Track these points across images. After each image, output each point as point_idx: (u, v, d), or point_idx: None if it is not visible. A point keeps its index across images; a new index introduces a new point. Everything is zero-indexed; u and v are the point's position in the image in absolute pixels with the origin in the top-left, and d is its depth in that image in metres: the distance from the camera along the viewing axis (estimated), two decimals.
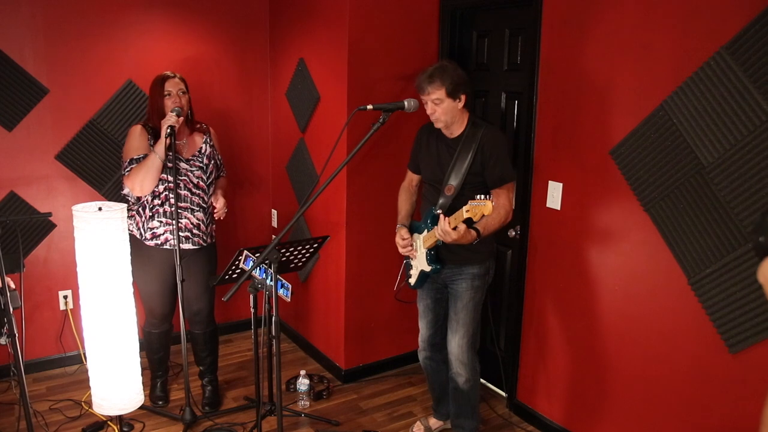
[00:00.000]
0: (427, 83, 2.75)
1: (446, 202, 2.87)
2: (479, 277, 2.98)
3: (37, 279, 3.89)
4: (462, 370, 3.05)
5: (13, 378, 3.73)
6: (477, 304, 3.01)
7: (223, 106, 3.73)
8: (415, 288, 3.16)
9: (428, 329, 3.21)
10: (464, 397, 3.13)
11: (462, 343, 3.02)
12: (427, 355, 3.26)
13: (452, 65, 2.80)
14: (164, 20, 4.02)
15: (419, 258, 3.03)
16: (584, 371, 3.14)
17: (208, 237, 3.45)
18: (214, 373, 3.74)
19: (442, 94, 2.75)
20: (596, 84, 2.88)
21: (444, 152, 2.92)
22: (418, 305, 3.22)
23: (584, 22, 2.90)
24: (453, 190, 2.84)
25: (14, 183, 3.76)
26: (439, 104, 2.77)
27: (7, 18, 3.56)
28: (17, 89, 3.66)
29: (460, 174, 2.83)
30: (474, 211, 2.55)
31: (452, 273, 2.99)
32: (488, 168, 2.83)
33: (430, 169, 3.01)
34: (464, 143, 2.84)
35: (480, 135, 2.82)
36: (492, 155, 2.81)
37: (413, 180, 3.22)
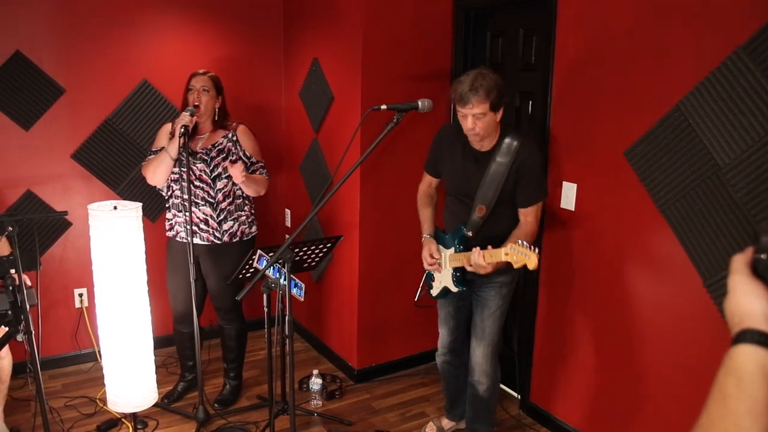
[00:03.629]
0: (471, 95, 2.52)
1: (477, 223, 2.76)
2: (507, 285, 2.90)
3: (53, 277, 3.93)
4: (484, 378, 3.01)
5: (29, 374, 3.76)
6: (503, 313, 2.95)
7: (236, 106, 3.75)
8: (437, 299, 3.09)
9: (449, 336, 3.16)
10: (483, 403, 3.09)
11: (487, 352, 2.96)
12: (447, 359, 3.23)
13: (492, 73, 2.59)
14: (179, 21, 4.04)
15: (444, 274, 2.93)
16: (598, 373, 3.13)
17: (224, 235, 3.43)
18: (236, 372, 3.75)
19: (486, 107, 2.54)
20: (611, 84, 2.86)
21: (472, 166, 2.77)
22: (439, 311, 3.17)
23: (599, 22, 2.89)
24: (484, 211, 2.72)
25: (31, 182, 3.80)
26: (480, 119, 2.57)
27: (25, 19, 3.60)
28: (34, 89, 3.70)
29: (492, 193, 2.70)
30: (515, 257, 2.45)
31: (479, 281, 2.91)
32: (521, 186, 2.70)
33: (456, 182, 2.87)
34: (497, 158, 2.68)
35: (515, 149, 2.66)
36: (527, 174, 2.67)
37: (432, 183, 3.10)
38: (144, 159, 3.49)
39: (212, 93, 3.34)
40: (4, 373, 3.17)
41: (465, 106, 2.56)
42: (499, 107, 2.60)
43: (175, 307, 3.57)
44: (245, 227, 3.50)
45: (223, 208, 3.42)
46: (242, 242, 3.49)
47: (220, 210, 3.41)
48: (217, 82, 3.38)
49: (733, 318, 0.90)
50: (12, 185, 3.75)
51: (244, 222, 3.49)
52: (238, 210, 3.46)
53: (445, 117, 3.85)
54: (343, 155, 2.70)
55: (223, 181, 3.39)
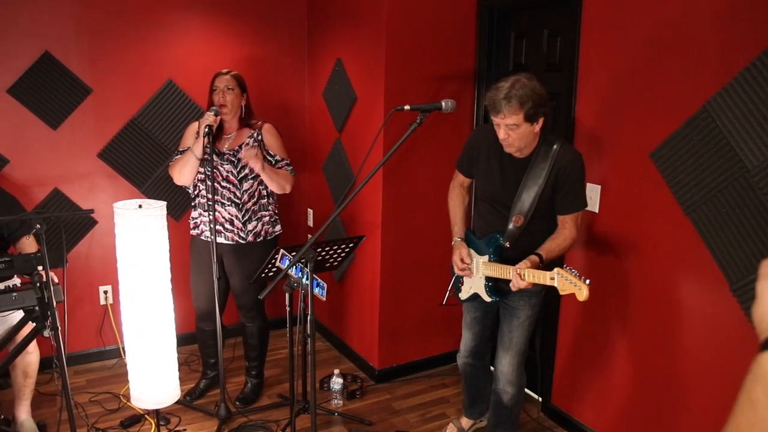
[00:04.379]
0: (503, 104, 2.40)
1: (514, 234, 2.67)
2: (537, 295, 2.82)
3: (78, 274, 3.98)
4: (509, 388, 2.97)
5: (55, 370, 3.81)
6: (532, 323, 2.89)
7: (260, 105, 3.77)
8: (464, 302, 3.03)
9: (474, 340, 3.12)
10: (506, 411, 3.05)
11: (513, 362, 2.92)
12: (470, 362, 3.19)
13: (532, 81, 2.44)
14: (204, 21, 4.08)
15: (476, 281, 2.87)
16: (621, 377, 3.10)
17: (248, 235, 3.45)
18: (257, 370, 3.78)
19: (520, 118, 2.42)
20: (636, 85, 2.83)
21: (510, 173, 2.66)
22: (465, 315, 3.12)
23: (625, 22, 2.86)
24: (522, 221, 2.62)
25: (58, 180, 3.86)
26: (514, 129, 2.46)
27: (54, 19, 3.65)
28: (62, 89, 3.76)
29: (530, 202, 2.59)
30: (563, 286, 2.36)
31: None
32: (560, 194, 2.60)
33: (491, 188, 2.76)
34: (535, 164, 2.58)
35: (554, 155, 2.56)
36: (567, 181, 2.57)
37: (464, 183, 2.99)
38: (169, 158, 3.53)
39: (237, 91, 3.36)
40: (32, 368, 3.22)
41: (497, 116, 2.46)
42: (536, 118, 2.47)
43: (198, 304, 3.61)
44: (269, 227, 3.52)
45: (248, 209, 3.43)
46: (266, 242, 3.51)
47: (246, 210, 3.43)
48: (240, 80, 3.40)
49: (761, 324, 0.88)
50: (40, 183, 3.81)
51: (267, 222, 3.51)
52: (262, 210, 3.47)
53: (468, 118, 3.84)
54: (366, 155, 2.70)
55: (249, 182, 3.40)
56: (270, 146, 3.44)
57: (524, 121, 2.44)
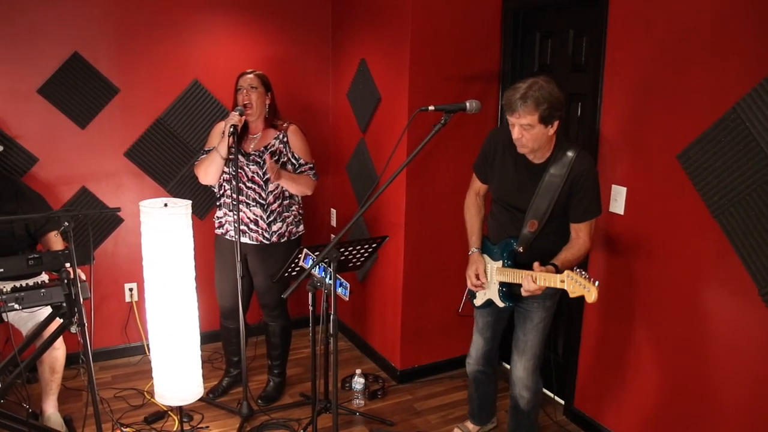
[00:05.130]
0: (519, 104, 2.43)
1: (528, 238, 2.68)
2: (551, 297, 2.81)
3: (104, 271, 4.04)
4: (526, 393, 2.96)
5: (81, 365, 3.87)
6: (547, 326, 2.87)
7: (285, 106, 3.78)
8: (479, 309, 3.02)
9: (486, 345, 3.10)
10: (525, 416, 3.04)
11: (528, 366, 2.90)
12: (480, 368, 3.17)
13: (549, 85, 2.46)
14: (229, 22, 4.11)
15: (490, 287, 2.87)
16: (644, 381, 3.06)
17: (272, 236, 3.47)
18: (280, 369, 3.80)
19: (534, 119, 2.44)
20: (664, 86, 2.80)
21: (526, 178, 2.67)
22: (477, 320, 3.11)
23: (653, 22, 2.82)
24: (537, 226, 2.64)
25: (86, 179, 3.91)
26: (528, 130, 2.48)
27: (83, 21, 3.71)
28: (91, 89, 3.81)
29: (545, 207, 2.60)
30: (573, 288, 2.37)
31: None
32: (575, 201, 2.60)
33: (506, 192, 2.78)
34: (551, 170, 2.59)
35: (570, 161, 2.56)
36: (582, 188, 2.57)
37: (480, 190, 3.00)
38: (193, 158, 3.56)
39: (261, 90, 3.37)
40: (58, 363, 3.27)
41: (512, 115, 2.48)
42: (551, 121, 2.48)
43: (222, 303, 3.64)
44: (293, 227, 3.54)
45: (273, 210, 3.45)
46: (290, 242, 3.53)
47: (271, 211, 3.44)
48: (264, 79, 3.41)
49: None
50: (68, 182, 3.87)
51: (291, 222, 3.52)
52: (285, 210, 3.49)
53: (492, 118, 3.82)
54: (390, 155, 2.70)
55: (275, 183, 3.41)
56: (295, 149, 3.45)
57: (539, 122, 2.46)
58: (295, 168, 3.46)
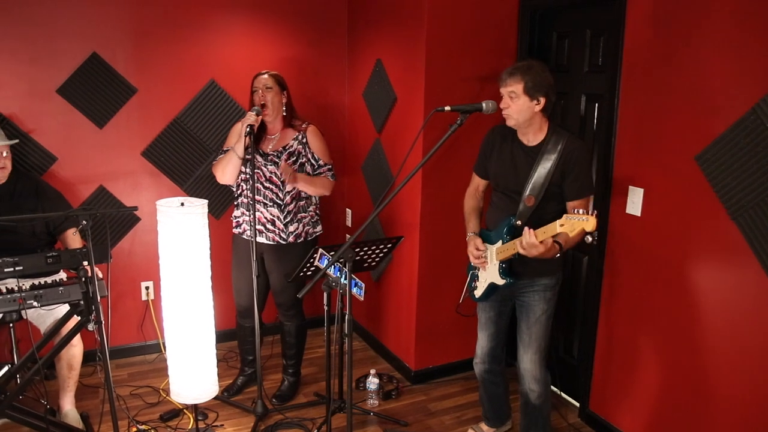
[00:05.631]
0: (507, 74, 2.68)
1: (525, 212, 2.76)
2: (551, 288, 2.89)
3: (121, 270, 4.07)
4: (535, 385, 2.98)
5: (98, 363, 3.90)
6: (549, 317, 2.92)
7: (300, 106, 3.79)
8: (480, 301, 3.06)
9: (490, 342, 3.13)
10: (536, 411, 3.05)
11: (535, 358, 2.94)
12: (486, 368, 3.19)
13: (540, 66, 2.68)
14: (246, 22, 4.13)
15: (490, 270, 2.92)
16: (661, 383, 3.03)
17: (289, 236, 3.48)
18: (294, 368, 3.81)
19: (519, 89, 2.64)
20: (683, 86, 2.77)
21: (522, 160, 2.80)
22: (479, 317, 3.14)
23: (671, 22, 2.80)
24: (533, 201, 2.73)
25: (103, 178, 3.95)
26: (514, 98, 2.67)
27: (101, 21, 3.74)
28: (109, 89, 3.84)
29: (540, 184, 2.71)
30: (571, 225, 2.39)
31: (523, 285, 2.90)
32: (569, 180, 2.70)
33: (504, 177, 2.88)
34: (545, 152, 2.72)
35: (562, 144, 2.70)
36: (575, 167, 2.68)
37: (479, 186, 3.11)
38: (210, 157, 3.58)
39: (276, 90, 3.38)
40: (76, 360, 3.30)
41: (502, 85, 2.70)
42: (536, 95, 2.64)
43: (239, 301, 3.66)
44: (309, 227, 3.55)
45: (290, 210, 3.46)
46: (306, 242, 3.53)
47: (288, 212, 3.45)
48: (279, 79, 3.42)
49: None
50: (86, 181, 3.90)
51: (308, 222, 3.54)
52: (302, 211, 3.50)
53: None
54: (406, 156, 2.70)
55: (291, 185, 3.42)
56: (314, 149, 3.46)
57: (523, 92, 2.64)
58: (314, 169, 3.47)
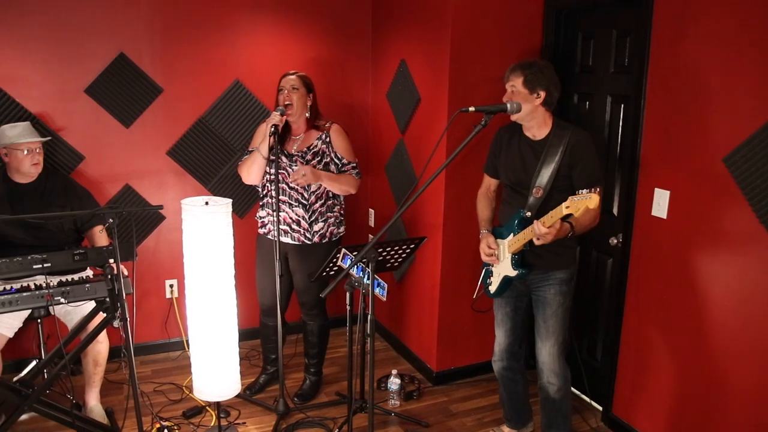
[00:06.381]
0: (510, 71, 2.80)
1: (535, 204, 2.81)
2: (566, 282, 2.91)
3: (146, 268, 4.11)
4: (554, 379, 2.97)
5: (123, 359, 3.94)
6: (566, 310, 2.94)
7: (324, 106, 3.81)
8: (495, 296, 3.08)
9: (507, 338, 3.13)
10: (556, 406, 3.04)
11: (553, 351, 2.94)
12: (504, 365, 3.18)
13: (543, 63, 2.80)
14: (271, 23, 4.15)
15: (503, 264, 2.96)
16: (689, 390, 2.99)
17: (314, 236, 3.49)
18: (316, 368, 3.82)
19: (519, 83, 2.74)
20: (710, 87, 2.74)
21: (529, 154, 2.86)
22: (496, 313, 3.14)
23: (699, 22, 2.76)
24: (542, 192, 2.79)
25: (129, 177, 4.00)
26: (514, 92, 2.76)
27: (128, 22, 3.79)
28: (135, 89, 3.89)
29: (548, 176, 2.77)
30: (576, 206, 2.46)
31: (537, 279, 2.92)
32: (576, 171, 2.76)
33: (513, 172, 2.94)
34: (550, 145, 2.79)
35: (567, 137, 2.77)
36: (581, 158, 2.75)
37: (491, 185, 3.17)
38: (235, 157, 3.60)
39: (302, 91, 3.40)
40: (101, 356, 3.35)
41: (505, 81, 2.82)
42: (535, 88, 2.73)
43: (263, 300, 3.68)
44: (334, 228, 3.56)
45: (315, 210, 3.48)
46: (330, 242, 3.55)
47: (312, 211, 3.47)
48: (306, 80, 3.44)
49: None
50: (112, 179, 3.95)
51: (333, 223, 3.55)
52: (328, 211, 3.51)
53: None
54: (429, 156, 2.70)
55: (317, 183, 3.44)
56: (337, 148, 3.47)
57: (522, 86, 2.74)
58: (338, 168, 3.48)
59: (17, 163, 3.25)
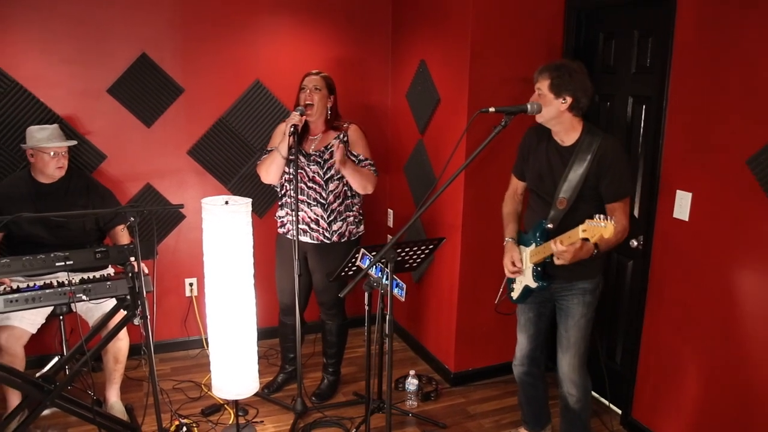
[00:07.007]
0: (538, 72, 2.70)
1: (557, 216, 2.73)
2: (590, 293, 2.84)
3: (166, 266, 4.15)
4: (573, 390, 2.94)
5: (143, 357, 3.98)
6: (588, 321, 2.87)
7: (344, 106, 3.81)
8: (517, 303, 3.05)
9: (530, 343, 3.10)
10: (575, 416, 3.01)
11: (573, 362, 2.90)
12: (525, 370, 3.15)
13: (574, 66, 2.66)
14: (291, 23, 4.17)
15: (525, 274, 2.90)
16: (707, 393, 2.96)
17: (333, 235, 3.50)
18: (335, 367, 3.83)
19: (545, 86, 2.64)
20: (734, 88, 2.70)
21: (556, 160, 2.76)
22: (519, 318, 3.11)
23: (723, 23, 2.73)
24: (566, 203, 2.70)
25: (150, 176, 4.03)
26: (541, 96, 2.66)
27: (149, 23, 3.82)
28: (157, 89, 3.93)
29: (574, 186, 2.67)
30: (592, 231, 2.39)
31: (561, 288, 2.86)
32: (604, 181, 2.65)
33: (538, 178, 2.85)
34: (579, 152, 2.68)
35: (596, 145, 2.65)
36: (609, 168, 2.63)
37: (518, 188, 3.09)
38: (254, 157, 3.62)
39: (324, 92, 3.41)
40: (122, 353, 3.38)
41: (534, 82, 2.71)
42: (561, 94, 2.62)
43: (282, 299, 3.69)
44: (353, 227, 3.57)
45: (334, 209, 3.48)
46: (349, 242, 3.55)
47: (331, 211, 3.48)
48: (329, 82, 3.45)
49: None
50: (134, 178, 3.99)
51: (352, 222, 3.55)
52: (347, 210, 3.52)
53: None
54: (449, 157, 2.69)
55: (335, 182, 3.45)
56: (354, 146, 3.47)
57: (548, 90, 2.63)
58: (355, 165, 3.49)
59: (43, 165, 3.29)
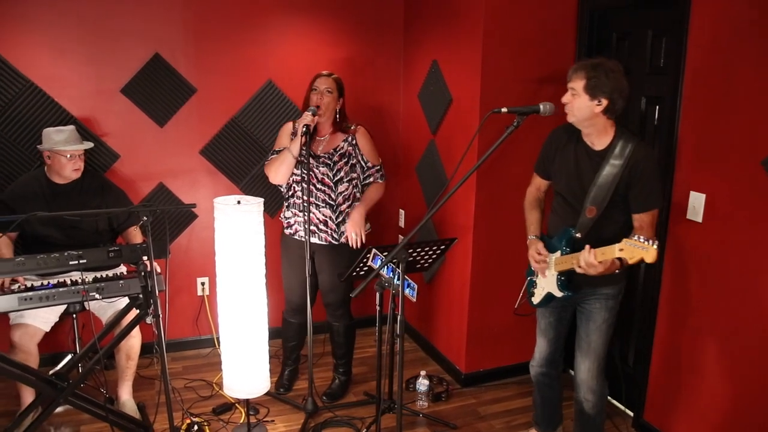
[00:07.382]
0: (573, 70, 2.57)
1: (586, 224, 2.65)
2: (613, 298, 2.78)
3: (178, 265, 4.17)
4: (590, 396, 2.91)
5: (155, 355, 4.00)
6: (610, 326, 2.83)
7: (356, 106, 3.83)
8: (538, 307, 3.00)
9: (549, 347, 3.07)
10: (590, 421, 2.99)
11: (592, 368, 2.87)
12: (543, 371, 3.13)
13: (611, 65, 2.52)
14: (303, 23, 4.18)
15: (548, 279, 2.83)
16: (721, 396, 2.94)
17: (341, 236, 3.50)
18: (345, 368, 3.84)
19: (580, 86, 2.52)
20: (749, 89, 2.68)
21: (586, 165, 2.67)
22: (539, 320, 3.08)
23: (738, 23, 2.71)
24: (595, 212, 2.61)
25: (163, 175, 4.05)
26: (575, 95, 2.56)
27: (163, 23, 3.84)
28: (170, 89, 3.94)
29: (604, 193, 2.59)
30: (631, 253, 2.30)
31: (584, 293, 2.81)
32: (634, 190, 2.57)
33: (566, 181, 2.77)
34: (610, 158, 2.58)
35: (629, 151, 2.55)
36: (641, 177, 2.54)
37: (541, 186, 3.02)
38: (266, 158, 3.63)
39: (335, 95, 3.41)
40: (134, 351, 3.40)
41: (568, 80, 2.59)
42: (596, 95, 2.50)
43: (291, 298, 3.70)
44: None
45: (342, 211, 3.49)
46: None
47: (340, 212, 3.48)
48: (340, 84, 3.46)
49: None
50: (146, 178, 4.02)
51: None
52: None
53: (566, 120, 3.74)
54: (461, 157, 2.69)
55: (344, 184, 3.46)
56: (363, 151, 3.49)
57: (584, 91, 2.51)
58: (363, 171, 3.51)
59: (59, 167, 3.31)
